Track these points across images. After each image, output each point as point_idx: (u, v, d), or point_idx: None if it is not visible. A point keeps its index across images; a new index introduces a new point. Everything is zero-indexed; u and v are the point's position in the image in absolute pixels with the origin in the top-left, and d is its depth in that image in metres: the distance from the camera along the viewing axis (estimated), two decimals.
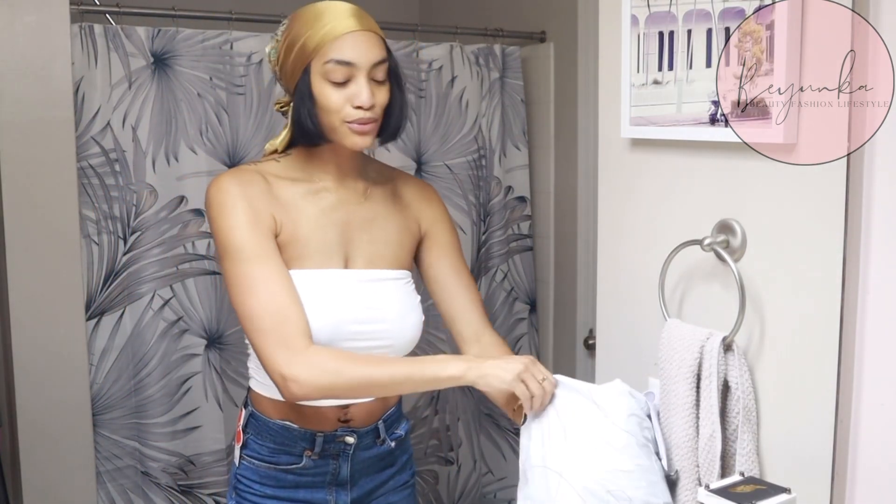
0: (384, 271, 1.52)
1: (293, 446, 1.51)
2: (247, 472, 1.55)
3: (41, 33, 2.06)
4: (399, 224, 1.57)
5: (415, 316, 1.54)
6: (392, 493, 1.64)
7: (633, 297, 1.44)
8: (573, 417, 1.26)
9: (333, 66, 1.39)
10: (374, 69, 1.42)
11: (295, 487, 1.54)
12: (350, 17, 1.42)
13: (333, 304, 1.44)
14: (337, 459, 1.54)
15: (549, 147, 2.75)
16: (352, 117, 1.41)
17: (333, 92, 1.40)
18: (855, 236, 1.10)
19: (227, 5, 2.34)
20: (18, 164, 2.05)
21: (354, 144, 1.44)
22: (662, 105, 1.30)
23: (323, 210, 1.48)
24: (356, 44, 1.41)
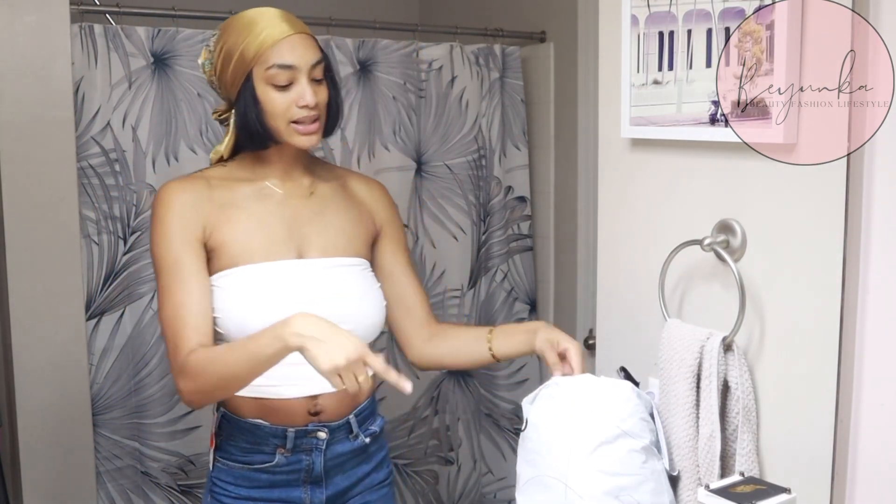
0: (339, 258, 1.56)
1: (265, 444, 1.52)
2: (221, 473, 1.55)
3: (41, 33, 2.06)
4: (351, 216, 1.62)
5: (374, 300, 1.57)
6: (369, 492, 1.64)
7: (633, 298, 1.44)
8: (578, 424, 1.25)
9: (276, 71, 1.46)
10: (313, 69, 1.48)
11: (269, 487, 1.54)
12: (283, 22, 1.48)
13: (288, 294, 1.48)
14: (310, 455, 1.54)
15: (549, 147, 2.75)
16: (298, 117, 1.47)
17: (278, 95, 1.47)
18: (855, 236, 1.10)
19: (227, 5, 2.33)
20: (18, 164, 2.05)
21: (301, 144, 1.50)
22: (662, 105, 1.30)
23: (269, 208, 1.53)
24: (294, 47, 1.47)
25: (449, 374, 2.75)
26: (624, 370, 1.38)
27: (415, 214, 2.66)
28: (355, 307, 1.53)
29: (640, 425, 1.23)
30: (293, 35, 1.47)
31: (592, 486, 1.19)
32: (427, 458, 2.76)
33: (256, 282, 1.48)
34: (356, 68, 2.49)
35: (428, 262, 2.69)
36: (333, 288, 1.53)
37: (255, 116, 1.48)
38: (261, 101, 1.47)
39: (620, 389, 1.27)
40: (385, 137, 2.57)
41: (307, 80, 1.47)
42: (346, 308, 1.51)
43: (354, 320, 1.50)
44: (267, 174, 1.56)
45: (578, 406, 1.26)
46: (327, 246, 1.55)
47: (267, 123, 1.48)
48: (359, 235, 1.61)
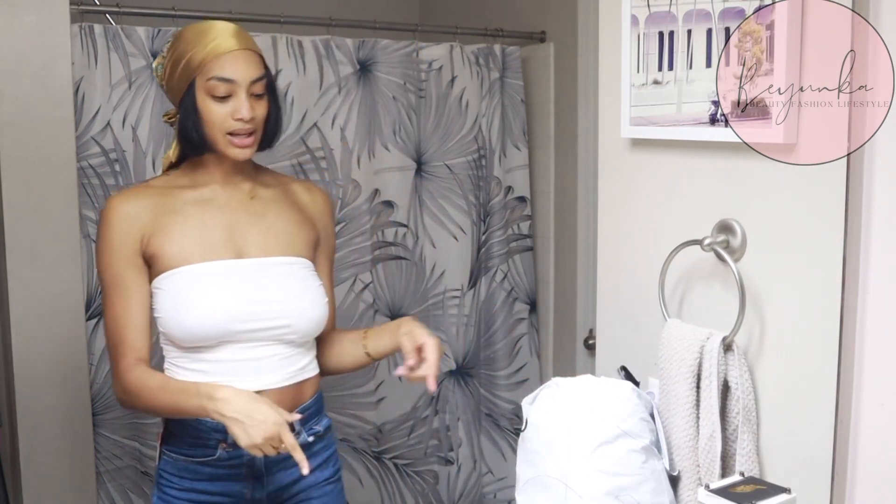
0: (278, 258, 1.61)
1: (208, 438, 1.56)
2: (167, 466, 1.60)
3: (41, 33, 2.06)
4: (293, 218, 1.67)
5: (312, 298, 1.62)
6: (314, 489, 1.65)
7: (633, 297, 1.44)
8: (578, 424, 1.25)
9: (216, 83, 1.52)
10: (252, 85, 1.54)
11: (211, 480, 1.58)
12: (232, 37, 1.55)
13: (226, 291, 1.54)
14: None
15: (549, 147, 2.75)
16: (233, 129, 1.53)
17: (216, 106, 1.53)
18: (855, 236, 1.10)
19: (227, 5, 2.34)
20: (18, 164, 2.05)
21: (236, 156, 1.56)
22: (662, 105, 1.30)
23: (209, 212, 1.59)
24: (236, 62, 1.53)
25: (449, 373, 2.75)
26: (624, 369, 1.38)
27: (415, 214, 2.66)
28: (291, 305, 1.58)
29: (640, 425, 1.23)
30: (237, 50, 1.54)
31: (592, 487, 1.19)
32: (427, 458, 2.76)
33: (194, 282, 1.54)
34: (356, 68, 2.49)
35: (428, 262, 2.69)
36: (271, 286, 1.58)
37: (193, 124, 1.55)
38: (200, 110, 1.54)
39: (620, 389, 1.27)
40: (385, 137, 2.57)
41: (246, 94, 1.53)
42: (281, 305, 1.57)
43: (290, 317, 1.57)
44: (208, 180, 1.62)
45: (578, 406, 1.26)
46: (267, 246, 1.61)
47: (204, 132, 1.55)
48: (299, 236, 1.66)
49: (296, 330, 1.58)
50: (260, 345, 1.56)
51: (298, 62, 2.40)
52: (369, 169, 2.54)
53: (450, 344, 2.74)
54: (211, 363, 1.55)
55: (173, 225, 1.56)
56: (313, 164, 2.47)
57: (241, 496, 1.59)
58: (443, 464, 2.79)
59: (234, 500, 1.59)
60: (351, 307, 2.54)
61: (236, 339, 1.54)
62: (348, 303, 2.54)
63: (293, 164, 2.43)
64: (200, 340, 1.54)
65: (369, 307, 2.57)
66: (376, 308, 2.60)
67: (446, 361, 2.75)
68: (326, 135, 2.47)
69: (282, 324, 1.56)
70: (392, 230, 2.62)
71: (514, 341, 2.83)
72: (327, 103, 2.46)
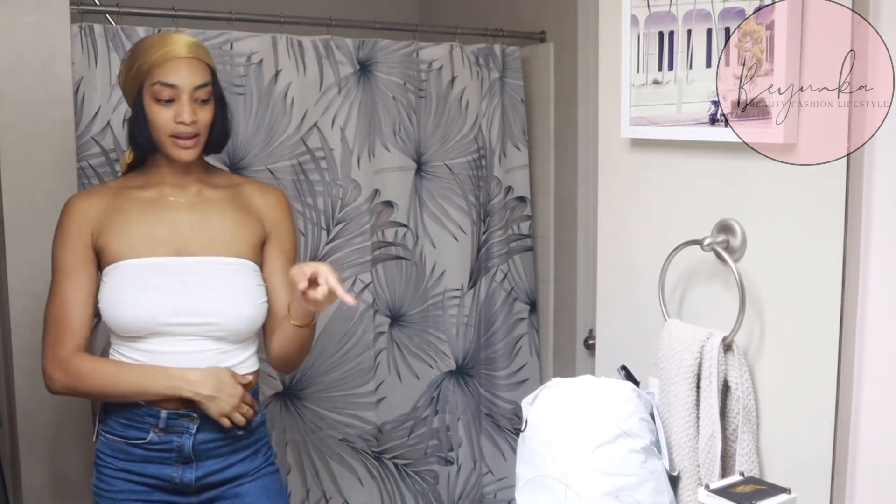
0: (218, 257, 1.71)
1: (141, 422, 1.67)
2: (102, 446, 1.71)
3: (41, 33, 2.06)
4: (237, 219, 1.76)
5: (248, 297, 1.71)
6: (246, 478, 1.74)
7: (633, 297, 1.44)
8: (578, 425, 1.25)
9: (160, 87, 1.65)
10: (196, 91, 1.66)
11: (144, 462, 1.68)
12: (182, 47, 1.68)
13: (160, 285, 1.65)
14: (181, 437, 1.67)
15: (549, 147, 2.75)
16: (176, 132, 1.65)
17: (160, 110, 1.65)
18: (855, 236, 1.10)
19: (227, 5, 2.34)
20: (18, 164, 2.05)
21: (179, 157, 1.68)
22: (662, 105, 1.30)
23: (155, 212, 1.71)
24: (180, 69, 1.65)
25: (449, 373, 2.75)
26: (625, 369, 1.38)
27: (415, 214, 2.66)
28: (222, 303, 1.67)
29: (640, 425, 1.23)
30: (184, 58, 1.66)
31: (592, 487, 1.19)
32: (427, 458, 2.76)
33: (131, 276, 1.66)
34: (356, 68, 2.49)
35: (428, 262, 2.69)
36: (205, 284, 1.68)
37: (140, 127, 1.68)
38: (146, 113, 1.66)
39: (620, 390, 1.27)
40: (385, 137, 2.57)
41: (188, 99, 1.65)
42: (212, 304, 1.66)
43: (220, 315, 1.67)
44: (159, 181, 1.74)
45: (578, 406, 1.26)
46: (206, 245, 1.70)
47: (150, 134, 1.68)
48: (241, 237, 1.74)
49: (225, 328, 1.67)
50: (191, 339, 1.66)
51: (298, 62, 2.40)
52: (369, 169, 2.54)
53: (450, 344, 2.74)
54: (147, 353, 1.66)
55: (120, 222, 1.69)
56: (313, 164, 2.47)
57: (170, 479, 1.68)
58: (443, 464, 2.79)
59: (165, 483, 1.69)
60: (351, 307, 2.54)
61: (167, 332, 1.65)
62: None
63: (293, 164, 2.43)
64: (133, 331, 1.65)
65: (369, 307, 2.57)
66: (376, 308, 2.60)
67: (446, 361, 2.75)
68: (326, 135, 2.47)
69: (210, 321, 1.66)
70: (392, 230, 2.62)
71: (514, 341, 2.83)
72: (327, 103, 2.46)
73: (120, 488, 1.68)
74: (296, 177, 2.45)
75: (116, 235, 1.68)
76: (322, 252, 2.50)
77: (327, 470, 2.59)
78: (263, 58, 2.35)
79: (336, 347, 2.55)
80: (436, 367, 2.74)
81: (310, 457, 2.56)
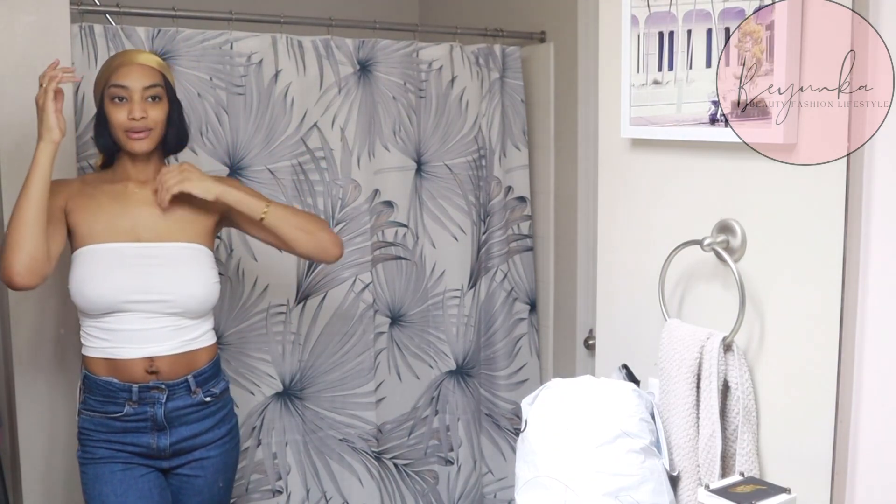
0: (172, 243, 1.91)
1: (116, 397, 1.86)
2: (85, 423, 1.90)
3: (41, 33, 2.06)
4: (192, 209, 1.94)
5: (197, 278, 1.91)
6: (212, 447, 1.96)
7: (633, 297, 1.44)
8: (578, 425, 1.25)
9: (114, 89, 1.87)
10: (146, 90, 1.88)
11: (123, 432, 1.88)
12: (135, 56, 1.92)
13: (119, 267, 1.85)
14: (153, 407, 1.87)
15: (549, 147, 2.75)
16: (128, 127, 1.86)
17: (115, 109, 1.87)
18: (855, 236, 1.10)
19: (227, 5, 2.34)
20: (18, 164, 2.05)
21: (133, 148, 1.89)
22: (662, 105, 1.30)
23: (119, 202, 1.91)
24: (130, 73, 1.87)
25: (449, 374, 2.75)
26: (626, 368, 1.38)
27: (415, 214, 2.66)
28: (177, 283, 1.87)
29: (639, 425, 1.23)
30: (133, 64, 1.88)
31: (592, 487, 1.19)
32: (427, 458, 2.76)
33: (100, 258, 1.85)
34: (356, 68, 2.49)
35: (428, 262, 2.69)
36: (162, 266, 1.88)
37: (102, 127, 1.90)
38: (106, 114, 1.88)
39: (620, 390, 1.27)
40: (385, 137, 2.57)
41: (139, 98, 1.86)
42: (167, 283, 1.86)
43: (173, 292, 1.86)
44: (123, 177, 1.94)
45: (578, 407, 1.26)
46: (164, 233, 1.91)
47: (110, 132, 1.89)
48: (195, 224, 1.95)
49: (179, 305, 1.87)
50: (149, 316, 1.85)
51: (298, 62, 2.40)
52: (369, 169, 2.54)
53: (450, 344, 2.74)
54: (109, 331, 1.85)
55: (88, 207, 1.89)
56: (313, 164, 2.47)
57: (148, 446, 1.89)
58: (443, 464, 2.79)
59: (143, 450, 1.89)
60: (351, 307, 2.54)
61: (126, 310, 1.84)
62: (348, 303, 2.54)
63: (293, 164, 2.43)
64: (98, 308, 1.84)
65: (369, 307, 2.57)
66: (376, 308, 2.60)
67: (446, 361, 2.75)
68: (326, 135, 2.47)
69: (164, 298, 1.85)
70: (392, 230, 2.62)
71: (514, 341, 2.83)
72: (327, 103, 2.46)
73: (103, 455, 1.87)
74: (296, 177, 2.45)
75: (85, 219, 1.88)
76: None
77: (327, 470, 2.59)
78: (263, 58, 2.35)
79: (336, 347, 2.55)
80: (436, 367, 2.74)
81: (310, 457, 2.56)
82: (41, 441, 2.14)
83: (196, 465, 1.94)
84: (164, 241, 1.91)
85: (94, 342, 1.88)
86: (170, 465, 1.92)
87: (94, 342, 1.87)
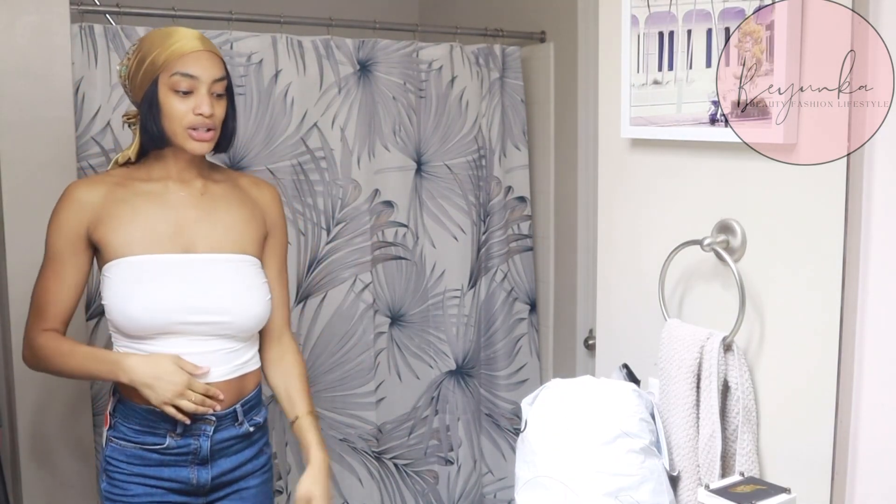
0: (226, 255, 1.69)
1: (157, 428, 1.65)
2: (114, 453, 1.67)
3: (41, 33, 2.06)
4: (243, 215, 1.74)
5: (256, 294, 1.70)
6: (252, 477, 1.76)
7: (633, 297, 1.44)
8: (578, 425, 1.25)
9: (179, 78, 1.60)
10: (214, 84, 1.64)
11: (160, 466, 1.66)
12: (195, 40, 1.65)
13: (168, 283, 1.62)
14: (198, 439, 1.67)
15: (549, 147, 2.75)
16: (193, 124, 1.62)
17: (177, 101, 1.61)
18: (855, 236, 1.10)
19: (227, 5, 2.34)
20: (18, 164, 2.05)
21: (193, 149, 1.64)
22: (662, 105, 1.30)
23: (158, 207, 1.67)
24: (199, 60, 1.62)
25: (449, 373, 2.75)
26: (626, 367, 1.38)
27: (415, 214, 2.66)
28: (233, 300, 1.66)
29: (639, 425, 1.23)
30: (202, 51, 1.63)
31: (592, 487, 1.19)
32: (427, 458, 2.76)
33: (137, 272, 1.62)
34: (356, 68, 2.49)
35: (428, 262, 2.69)
36: (214, 281, 1.66)
37: (154, 118, 1.63)
38: (161, 104, 1.62)
39: (620, 390, 1.27)
40: (385, 137, 2.57)
41: (207, 92, 1.62)
42: (223, 301, 1.65)
43: (230, 312, 1.65)
44: (163, 176, 1.70)
45: (578, 407, 1.26)
46: (214, 243, 1.68)
47: (164, 126, 1.63)
48: (248, 233, 1.73)
49: (236, 326, 1.66)
50: (201, 339, 1.64)
51: (298, 62, 2.40)
52: (369, 169, 2.54)
53: (450, 344, 2.74)
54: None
55: (121, 215, 1.64)
56: (313, 164, 2.47)
57: (187, 481, 1.68)
58: (443, 464, 2.79)
59: (181, 485, 1.68)
60: (351, 307, 2.54)
61: (177, 332, 1.62)
62: (348, 303, 2.54)
63: (293, 164, 2.43)
64: (142, 330, 1.61)
65: (369, 307, 2.57)
66: (376, 308, 2.60)
67: (446, 361, 2.75)
68: (326, 135, 2.47)
69: (222, 319, 1.64)
70: (392, 230, 2.63)
71: (514, 341, 2.83)
72: (327, 103, 2.46)
73: (135, 492, 1.65)
74: (296, 177, 2.45)
75: (116, 229, 1.63)
76: (322, 252, 2.50)
77: None
78: (263, 58, 2.35)
79: (336, 347, 2.55)
80: (436, 367, 2.74)
81: None
82: (41, 441, 2.13)
83: (235, 497, 1.74)
84: (216, 251, 1.67)
85: None
86: (206, 500, 1.72)
87: None
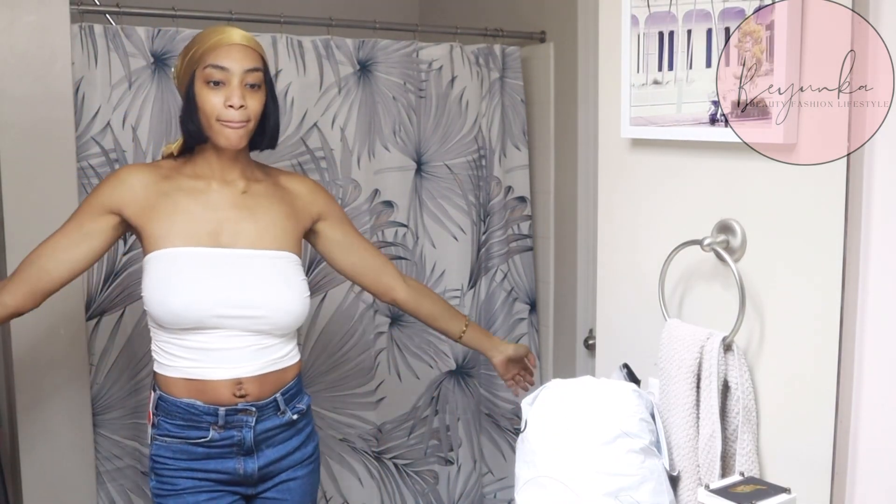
0: (265, 251, 1.71)
1: (199, 421, 1.67)
2: (160, 450, 1.70)
3: (41, 33, 2.06)
4: (282, 212, 1.77)
5: (293, 293, 1.72)
6: (299, 468, 1.79)
7: (633, 297, 1.44)
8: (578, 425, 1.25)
9: (211, 70, 1.64)
10: (246, 75, 1.65)
11: (206, 459, 1.69)
12: (234, 35, 1.68)
13: (207, 277, 1.64)
14: (241, 431, 1.69)
15: (549, 147, 2.75)
16: (224, 116, 1.64)
17: (210, 94, 1.64)
18: (855, 236, 1.10)
19: (227, 5, 2.34)
20: (18, 164, 2.05)
21: (225, 141, 1.65)
22: (662, 105, 1.30)
23: (199, 202, 1.70)
24: (232, 53, 1.65)
25: (449, 374, 2.75)
26: (626, 367, 1.38)
27: (415, 214, 2.66)
28: (270, 296, 1.68)
29: (639, 425, 1.23)
30: (236, 45, 1.66)
31: (592, 487, 1.19)
32: (427, 458, 2.77)
33: (177, 265, 1.64)
34: (356, 68, 2.49)
35: (428, 262, 2.69)
36: (252, 277, 1.68)
37: (190, 113, 1.67)
38: (196, 98, 1.65)
39: (620, 390, 1.27)
40: (385, 137, 2.57)
41: (239, 83, 1.64)
42: (261, 297, 1.67)
43: (266, 307, 1.67)
44: (207, 174, 1.73)
45: (578, 407, 1.26)
46: (253, 239, 1.70)
47: (199, 120, 1.66)
48: (288, 230, 1.76)
49: (272, 322, 1.68)
50: (237, 334, 1.66)
51: (298, 62, 2.40)
52: (369, 169, 2.54)
53: (450, 344, 2.74)
54: (190, 349, 1.65)
55: (162, 207, 1.67)
56: (313, 164, 2.47)
57: (234, 472, 1.71)
58: (443, 464, 2.79)
59: (229, 476, 1.71)
60: (351, 307, 2.54)
61: (213, 325, 1.64)
62: (348, 303, 2.54)
63: (293, 164, 2.44)
64: (179, 322, 1.63)
65: (369, 307, 2.57)
66: (376, 308, 2.60)
67: (446, 361, 2.75)
68: (326, 135, 2.47)
69: (257, 314, 1.66)
70: (392, 230, 2.63)
71: (514, 341, 2.83)
72: (327, 103, 2.46)
73: (185, 486, 1.69)
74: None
75: (156, 220, 1.66)
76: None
77: (327, 470, 2.59)
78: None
79: (336, 347, 2.55)
80: (436, 366, 2.74)
81: None
82: (41, 441, 2.13)
83: (283, 488, 1.77)
84: (255, 248, 1.70)
85: (173, 360, 1.67)
86: (255, 490, 1.75)
87: (174, 361, 1.67)
